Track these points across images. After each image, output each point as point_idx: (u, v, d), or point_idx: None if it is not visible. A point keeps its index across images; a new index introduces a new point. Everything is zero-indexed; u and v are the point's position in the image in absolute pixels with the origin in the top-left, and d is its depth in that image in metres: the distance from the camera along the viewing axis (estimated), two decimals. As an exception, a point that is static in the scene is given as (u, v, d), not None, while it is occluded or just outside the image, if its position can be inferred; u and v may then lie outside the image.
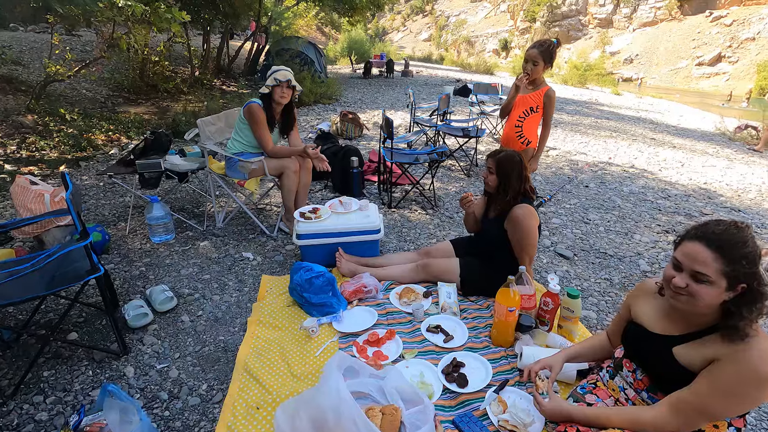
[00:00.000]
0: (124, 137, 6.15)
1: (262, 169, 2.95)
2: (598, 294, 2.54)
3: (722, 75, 36.58)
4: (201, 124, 2.99)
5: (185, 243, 3.05)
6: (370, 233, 2.66)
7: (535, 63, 2.75)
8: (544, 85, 2.82)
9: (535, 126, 2.88)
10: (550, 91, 2.79)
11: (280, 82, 2.86)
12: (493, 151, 2.28)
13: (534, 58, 2.75)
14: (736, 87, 29.90)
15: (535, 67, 2.76)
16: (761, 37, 36.24)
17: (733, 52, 37.10)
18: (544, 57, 2.73)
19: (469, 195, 2.33)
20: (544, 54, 2.73)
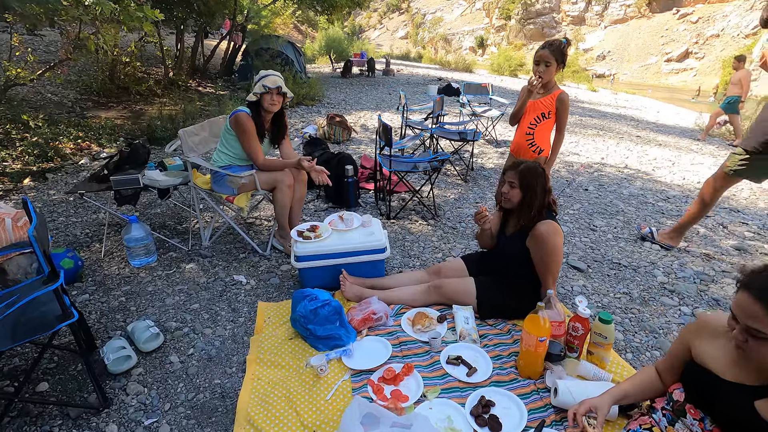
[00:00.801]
0: (95, 145, 5.75)
1: (253, 184, 2.70)
2: (620, 311, 2.40)
3: (690, 71, 37.74)
4: (183, 135, 2.71)
5: (169, 266, 2.77)
6: (375, 252, 2.44)
7: (547, 64, 2.58)
8: (557, 88, 2.66)
9: (547, 133, 2.72)
10: (563, 95, 2.63)
11: (269, 89, 2.61)
12: (513, 163, 2.10)
13: (545, 58, 2.58)
14: (704, 82, 30.80)
15: (547, 68, 2.59)
16: (725, 34, 37.53)
17: (699, 48, 38.32)
18: (557, 56, 2.57)
19: (484, 210, 2.14)
20: (556, 53, 2.57)
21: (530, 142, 2.76)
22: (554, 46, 2.58)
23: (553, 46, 2.58)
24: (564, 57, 2.59)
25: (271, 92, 2.62)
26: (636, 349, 2.10)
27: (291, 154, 2.93)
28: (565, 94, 2.64)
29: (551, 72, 2.60)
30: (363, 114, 7.98)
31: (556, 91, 2.66)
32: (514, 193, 2.06)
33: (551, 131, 2.74)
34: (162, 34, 10.99)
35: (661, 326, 2.28)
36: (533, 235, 2.03)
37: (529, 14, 50.53)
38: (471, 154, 4.55)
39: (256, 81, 2.63)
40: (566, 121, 2.68)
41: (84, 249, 2.98)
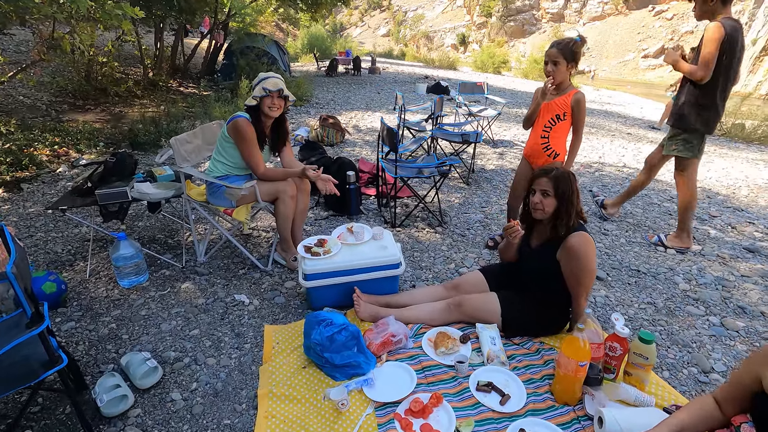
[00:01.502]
0: (73, 151, 5.43)
1: (254, 195, 2.50)
2: (648, 323, 2.29)
3: (666, 66, 38.52)
4: (175, 144, 2.49)
5: (162, 285, 2.56)
6: (389, 268, 2.28)
7: (555, 63, 2.47)
8: (572, 88, 2.54)
9: (563, 136, 2.60)
10: (578, 95, 2.50)
11: (270, 92, 2.41)
12: (543, 170, 1.95)
13: (554, 57, 2.46)
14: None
15: (556, 68, 2.47)
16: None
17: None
18: (565, 54, 2.44)
19: (516, 224, 1.99)
20: (565, 52, 2.44)
21: (545, 146, 2.63)
22: (562, 44, 2.46)
23: (561, 44, 2.46)
24: (575, 55, 2.46)
25: (272, 96, 2.43)
26: (672, 366, 1.99)
27: (293, 162, 2.74)
28: (581, 93, 2.52)
29: (562, 71, 2.48)
30: (354, 114, 7.78)
31: (572, 91, 2.53)
32: (548, 202, 1.92)
33: (567, 134, 2.62)
34: (140, 32, 10.58)
35: (693, 339, 2.17)
36: (565, 247, 1.90)
37: (510, 11, 50.89)
38: (472, 156, 4.42)
39: (256, 83, 2.43)
40: (584, 123, 2.56)
41: (67, 268, 2.73)
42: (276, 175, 2.52)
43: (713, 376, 1.93)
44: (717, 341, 2.16)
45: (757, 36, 27.51)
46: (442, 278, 2.67)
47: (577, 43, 2.46)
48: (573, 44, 2.45)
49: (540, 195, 1.95)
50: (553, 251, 1.96)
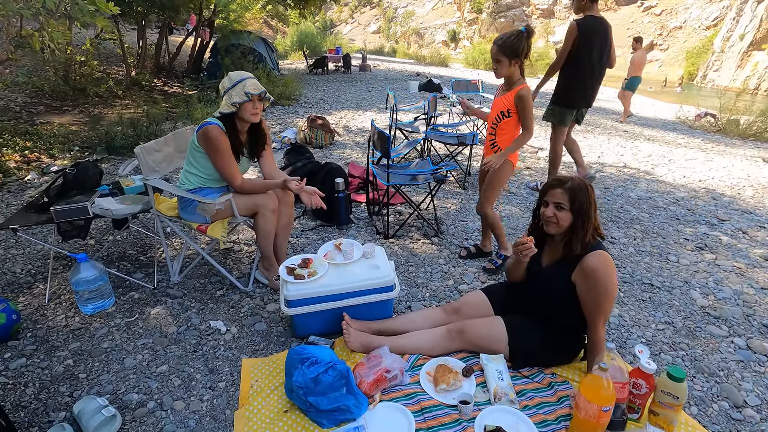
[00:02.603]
0: (45, 156, 5.12)
1: (230, 210, 2.24)
2: (668, 347, 2.08)
3: (655, 62, 38.70)
4: (141, 153, 2.23)
5: (130, 311, 2.29)
6: (382, 291, 2.04)
7: (497, 60, 2.32)
8: (520, 83, 2.36)
9: (509, 132, 2.45)
10: (522, 91, 2.34)
11: (252, 95, 2.15)
12: (558, 180, 1.73)
13: (494, 54, 2.33)
14: (669, 73, 31.58)
15: (498, 65, 2.33)
16: (687, 26, 38.63)
17: (664, 40, 39.34)
18: (505, 52, 2.28)
19: (530, 241, 1.76)
20: (505, 49, 2.28)
21: (492, 142, 2.53)
22: (501, 40, 2.29)
23: (500, 40, 2.30)
24: (515, 51, 2.28)
25: (254, 99, 2.17)
26: (700, 400, 1.78)
27: (274, 171, 2.48)
28: (525, 89, 2.34)
29: (503, 68, 2.33)
30: (344, 114, 7.52)
31: (517, 87, 2.36)
32: (564, 216, 1.69)
33: (515, 131, 2.46)
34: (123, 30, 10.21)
35: (720, 366, 1.97)
36: (583, 268, 1.67)
37: (500, 7, 50.77)
38: (469, 158, 4.19)
39: (231, 86, 2.16)
40: (531, 118, 2.38)
41: (24, 292, 2.46)
42: (255, 188, 2.27)
43: (747, 411, 1.72)
44: (746, 368, 1.96)
45: (745, 31, 27.66)
46: (440, 297, 2.44)
47: (521, 35, 2.28)
48: (514, 38, 2.27)
49: (553, 208, 1.72)
50: (567, 271, 1.74)
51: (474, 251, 2.85)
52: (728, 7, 33.21)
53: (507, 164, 2.52)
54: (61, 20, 5.54)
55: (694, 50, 32.29)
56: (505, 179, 2.58)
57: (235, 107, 2.14)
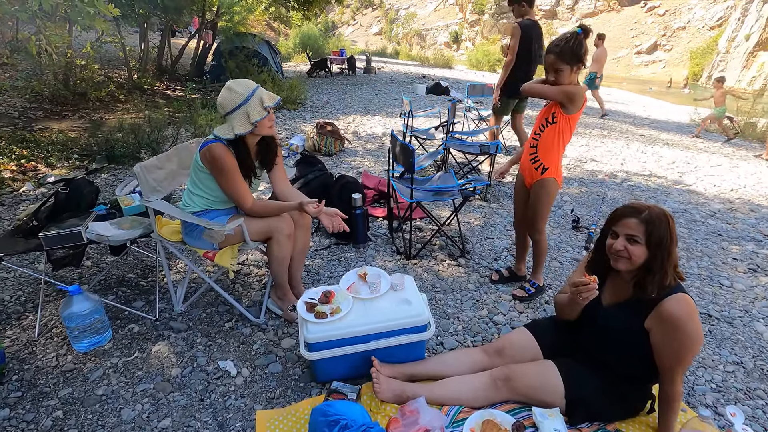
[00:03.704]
0: (42, 165, 4.89)
1: (240, 235, 2.00)
2: (743, 394, 1.82)
3: (659, 62, 38.43)
4: (141, 173, 1.98)
5: (129, 348, 2.05)
6: (415, 331, 1.79)
7: (558, 70, 2.03)
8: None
9: (553, 145, 2.15)
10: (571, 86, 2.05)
11: (269, 108, 1.90)
12: (631, 208, 1.47)
13: (554, 65, 2.02)
14: (673, 73, 31.31)
15: (559, 75, 2.04)
16: (691, 26, 38.35)
17: (667, 40, 39.06)
18: (566, 58, 2.00)
19: (592, 281, 1.50)
20: (564, 56, 2.00)
21: (533, 157, 2.22)
22: (560, 47, 1.99)
23: (558, 47, 2.00)
24: (577, 56, 2.00)
25: (270, 111, 1.93)
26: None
27: (287, 188, 2.23)
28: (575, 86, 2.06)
29: (566, 77, 2.04)
30: (352, 118, 7.28)
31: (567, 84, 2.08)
32: (637, 251, 1.44)
33: (559, 143, 2.16)
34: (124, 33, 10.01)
35: (807, 419, 1.71)
36: (660, 314, 1.42)
37: (502, 9, 50.49)
38: (491, 168, 3.94)
39: (244, 102, 1.86)
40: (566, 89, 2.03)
41: (13, 323, 2.22)
42: (268, 211, 2.02)
43: None
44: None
45: (750, 31, 27.37)
46: (475, 331, 2.19)
47: (578, 36, 2.00)
48: (573, 42, 1.99)
49: (625, 241, 1.47)
50: (638, 316, 1.49)
51: (507, 275, 2.60)
52: (732, 7, 32.92)
53: (552, 181, 2.24)
54: (59, 23, 5.32)
55: (699, 51, 32.02)
56: (552, 197, 2.28)
57: (254, 126, 1.88)
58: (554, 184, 2.24)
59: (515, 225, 2.55)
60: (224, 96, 1.89)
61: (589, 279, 1.50)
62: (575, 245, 3.09)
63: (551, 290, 2.56)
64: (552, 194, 2.27)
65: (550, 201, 2.29)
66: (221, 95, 1.89)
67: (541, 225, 2.33)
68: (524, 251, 2.57)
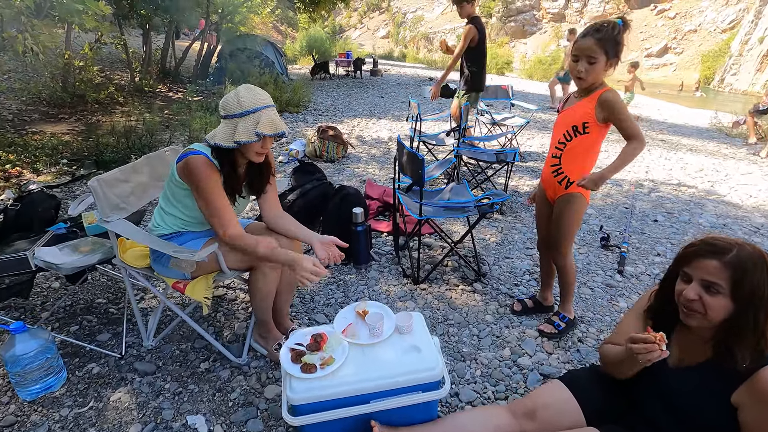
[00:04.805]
0: (28, 170, 4.62)
1: (215, 262, 1.67)
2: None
3: (670, 65, 37.89)
4: (98, 188, 1.66)
5: (84, 395, 1.72)
6: (426, 389, 1.44)
7: (592, 60, 1.69)
8: (600, 87, 1.75)
9: (582, 155, 1.84)
10: (607, 93, 1.72)
11: (264, 137, 1.56)
12: (710, 244, 1.12)
13: (590, 52, 1.68)
14: (684, 77, 30.79)
15: (592, 66, 1.69)
16: (702, 29, 37.78)
17: (678, 43, 38.50)
18: (607, 47, 1.67)
19: (659, 340, 1.14)
20: (607, 43, 1.67)
21: (556, 170, 1.89)
22: (602, 32, 1.66)
23: (600, 32, 1.67)
24: (618, 49, 1.69)
25: (265, 140, 1.59)
26: None
27: (278, 216, 1.84)
28: (610, 92, 1.73)
29: (597, 72, 1.71)
30: (357, 122, 6.95)
31: (600, 90, 1.74)
32: (717, 304, 1.08)
33: (590, 154, 1.84)
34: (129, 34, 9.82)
35: None
36: (758, 389, 1.06)
37: (510, 12, 50.28)
38: (507, 178, 3.58)
39: (239, 113, 1.54)
40: (632, 123, 1.74)
41: (-45, 361, 1.90)
42: (250, 248, 1.61)
43: None
44: None
45: (765, 34, 26.77)
46: (497, 378, 1.83)
47: (620, 27, 1.68)
48: (617, 31, 1.67)
49: (700, 288, 1.11)
50: (721, 385, 1.13)
51: (531, 305, 2.24)
52: (745, 9, 32.34)
53: (578, 197, 1.92)
54: (45, 21, 5.06)
55: (710, 54, 31.47)
56: (580, 216, 1.97)
57: (237, 144, 1.55)
58: (581, 201, 1.92)
59: (539, 246, 2.22)
60: (229, 98, 1.57)
61: (654, 336, 1.14)
62: (606, 267, 2.72)
63: (583, 323, 2.20)
64: (579, 212, 1.95)
65: (577, 220, 1.97)
66: (228, 95, 1.58)
67: (567, 248, 2.00)
68: (550, 277, 2.22)
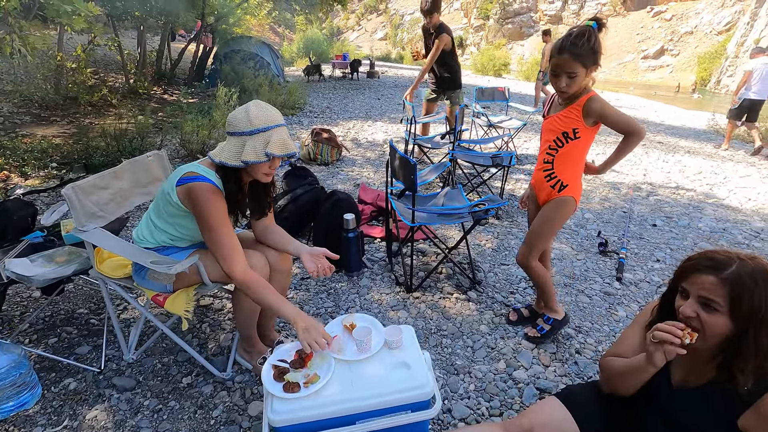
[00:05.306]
0: (16, 174, 4.53)
1: (197, 274, 1.59)
2: None
3: (666, 67, 38.03)
4: (73, 195, 1.58)
5: (58, 412, 1.64)
6: (416, 408, 1.37)
7: (572, 74, 1.64)
8: (587, 92, 1.70)
9: (574, 160, 1.81)
10: (592, 100, 1.68)
11: (273, 157, 1.46)
12: (708, 258, 1.04)
13: (564, 68, 1.64)
14: (680, 78, 30.92)
15: (572, 80, 1.65)
16: (698, 31, 37.95)
17: (674, 45, 38.66)
18: (584, 60, 1.62)
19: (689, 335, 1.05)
20: (581, 57, 1.61)
21: (549, 174, 1.86)
22: (577, 46, 1.60)
23: (575, 46, 1.60)
24: (596, 56, 1.63)
25: (275, 161, 1.51)
26: None
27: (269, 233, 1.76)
28: (594, 98, 1.68)
29: (579, 83, 1.67)
30: (352, 124, 6.88)
31: (583, 97, 1.69)
32: (715, 322, 1.01)
33: (581, 158, 1.82)
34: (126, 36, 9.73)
35: None
36: (764, 410, 0.99)
37: (507, 14, 50.41)
38: (503, 181, 3.51)
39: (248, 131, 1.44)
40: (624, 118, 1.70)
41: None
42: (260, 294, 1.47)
43: None
44: None
45: (761, 36, 26.89)
46: (491, 393, 1.76)
47: (593, 31, 1.61)
48: (589, 40, 1.60)
49: (696, 304, 1.04)
50: (726, 407, 1.06)
51: (526, 314, 2.17)
52: (741, 11, 32.48)
53: (570, 201, 1.87)
54: (35, 22, 4.98)
55: (707, 55, 31.57)
56: (564, 219, 1.93)
57: (245, 164, 1.45)
58: (571, 204, 1.88)
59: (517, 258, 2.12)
60: (238, 114, 1.47)
61: (684, 329, 1.05)
62: (605, 274, 2.65)
63: (581, 333, 2.13)
64: (566, 215, 1.92)
65: (560, 222, 1.96)
66: (237, 110, 1.48)
67: (537, 248, 1.95)
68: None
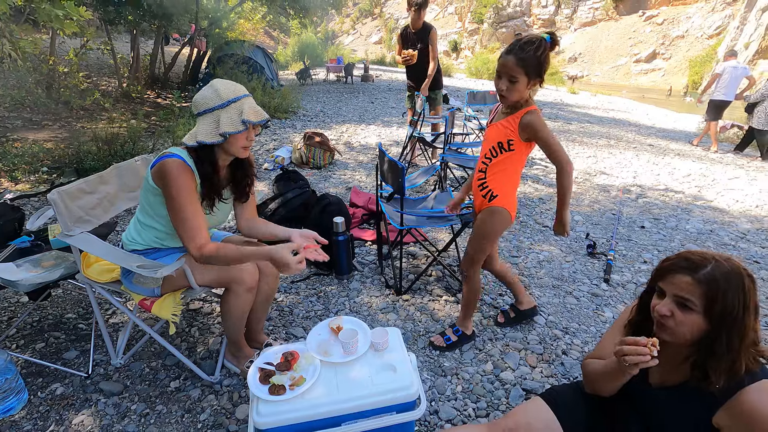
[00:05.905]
0: (6, 179, 4.51)
1: (184, 278, 1.59)
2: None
3: (658, 71, 38.40)
4: (59, 200, 1.58)
5: (45, 417, 1.64)
6: (401, 410, 1.38)
7: (512, 79, 1.61)
8: (527, 105, 1.68)
9: (507, 173, 1.77)
10: (529, 115, 1.65)
11: (253, 125, 1.50)
12: (685, 258, 1.06)
13: (509, 70, 1.60)
14: (672, 82, 31.22)
15: (513, 85, 1.62)
16: (689, 35, 38.38)
17: (666, 49, 39.07)
18: (527, 68, 1.59)
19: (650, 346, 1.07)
20: (526, 64, 1.58)
21: (481, 183, 1.82)
22: (525, 52, 1.57)
23: (523, 51, 1.57)
24: (541, 68, 1.60)
25: (250, 129, 1.52)
26: None
27: (255, 227, 1.80)
28: (534, 112, 1.65)
29: (519, 91, 1.63)
30: (346, 128, 6.90)
31: (524, 110, 1.67)
32: (690, 321, 1.03)
33: (516, 170, 1.79)
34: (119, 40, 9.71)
35: None
36: (739, 410, 1.01)
37: (501, 18, 50.70)
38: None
39: (219, 105, 1.46)
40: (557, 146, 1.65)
41: None
42: (226, 259, 1.52)
43: None
44: None
45: (750, 40, 27.24)
46: (478, 394, 1.78)
47: (546, 45, 1.58)
48: (540, 50, 1.57)
49: (672, 303, 1.06)
50: (700, 406, 1.08)
51: (512, 315, 2.19)
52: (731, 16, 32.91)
53: (501, 212, 1.80)
54: (26, 26, 4.97)
55: (698, 59, 31.94)
56: (498, 231, 1.89)
57: (223, 138, 1.48)
58: (504, 216, 1.81)
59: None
60: (202, 93, 1.49)
61: (646, 341, 1.07)
62: (593, 276, 2.68)
63: (567, 334, 2.15)
64: (498, 226, 1.85)
65: (494, 234, 1.88)
66: (202, 90, 1.50)
67: (476, 259, 1.92)
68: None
